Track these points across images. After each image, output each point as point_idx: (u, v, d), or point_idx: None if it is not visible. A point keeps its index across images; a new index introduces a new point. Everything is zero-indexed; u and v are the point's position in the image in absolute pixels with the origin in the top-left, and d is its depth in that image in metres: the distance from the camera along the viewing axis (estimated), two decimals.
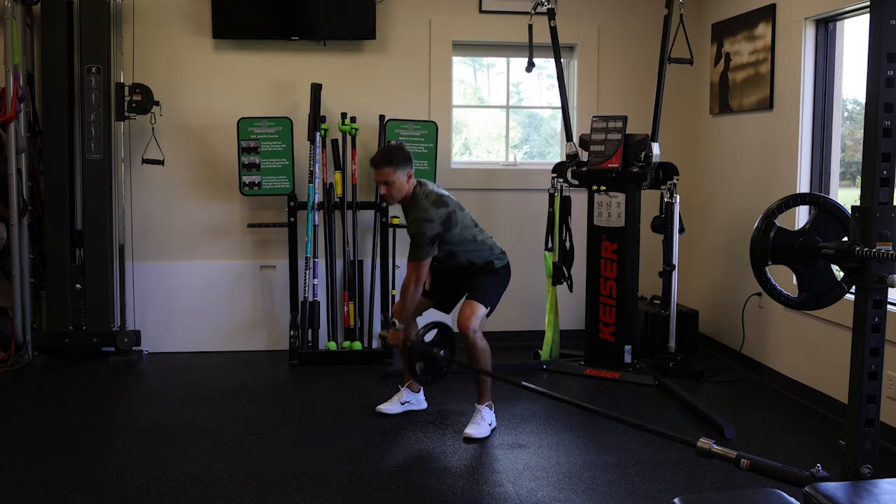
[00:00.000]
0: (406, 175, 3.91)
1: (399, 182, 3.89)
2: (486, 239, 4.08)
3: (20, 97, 4.82)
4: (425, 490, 3.35)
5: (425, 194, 3.93)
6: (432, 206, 3.88)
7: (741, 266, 4.94)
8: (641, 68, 5.60)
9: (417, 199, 3.93)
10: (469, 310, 3.92)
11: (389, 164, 3.87)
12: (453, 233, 3.94)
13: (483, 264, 4.04)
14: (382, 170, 3.88)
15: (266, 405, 4.41)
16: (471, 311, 3.92)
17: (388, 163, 3.87)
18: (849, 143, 4.65)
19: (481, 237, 4.05)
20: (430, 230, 3.84)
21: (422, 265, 3.88)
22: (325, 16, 5.34)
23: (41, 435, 3.94)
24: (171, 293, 5.40)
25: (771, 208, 2.84)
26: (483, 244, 4.05)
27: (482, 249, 4.05)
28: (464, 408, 4.27)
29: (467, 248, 4.01)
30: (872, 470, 2.43)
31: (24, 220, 4.99)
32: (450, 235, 3.93)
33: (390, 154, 3.92)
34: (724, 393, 4.73)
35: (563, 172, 5.14)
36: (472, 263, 4.04)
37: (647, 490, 3.34)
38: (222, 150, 5.38)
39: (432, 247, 3.88)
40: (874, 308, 2.41)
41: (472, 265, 4.05)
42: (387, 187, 3.90)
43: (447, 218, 3.90)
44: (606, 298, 5.01)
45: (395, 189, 3.91)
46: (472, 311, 3.92)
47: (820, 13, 4.39)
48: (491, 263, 4.05)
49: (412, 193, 3.96)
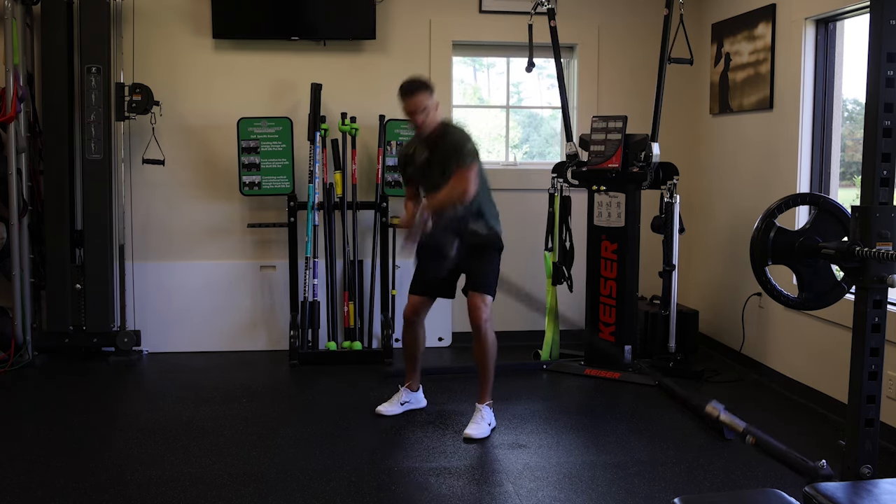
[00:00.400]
0: (435, 103, 3.87)
1: (432, 109, 3.84)
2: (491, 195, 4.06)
3: (20, 97, 4.82)
4: (425, 490, 3.35)
5: (457, 126, 3.92)
6: (467, 135, 3.86)
7: (741, 266, 4.94)
8: (641, 68, 5.60)
9: (449, 129, 3.90)
10: (479, 301, 3.92)
11: (424, 88, 3.82)
12: (480, 168, 3.90)
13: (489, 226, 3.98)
14: (417, 96, 3.80)
15: (266, 405, 4.41)
16: (481, 301, 3.92)
17: (422, 88, 3.81)
18: (849, 143, 4.65)
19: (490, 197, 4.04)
20: (469, 145, 3.81)
21: (472, 172, 3.75)
22: (325, 16, 5.34)
23: (41, 435, 3.94)
24: (171, 293, 5.40)
25: (771, 208, 2.84)
26: (493, 202, 4.04)
27: (493, 204, 4.03)
28: (464, 408, 4.27)
29: (485, 196, 3.98)
30: (872, 470, 2.43)
31: (24, 220, 4.99)
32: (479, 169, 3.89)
33: (421, 80, 3.88)
34: (724, 393, 4.72)
35: (563, 172, 5.14)
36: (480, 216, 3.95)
37: (647, 490, 3.34)
38: (222, 150, 5.38)
39: (475, 160, 3.81)
40: (874, 308, 2.41)
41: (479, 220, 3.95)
42: (422, 115, 3.81)
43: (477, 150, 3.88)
44: (606, 298, 5.01)
45: (431, 117, 3.83)
46: (483, 301, 3.92)
47: (820, 13, 4.39)
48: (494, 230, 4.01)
49: (441, 125, 3.91)
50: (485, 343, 3.93)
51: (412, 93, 3.82)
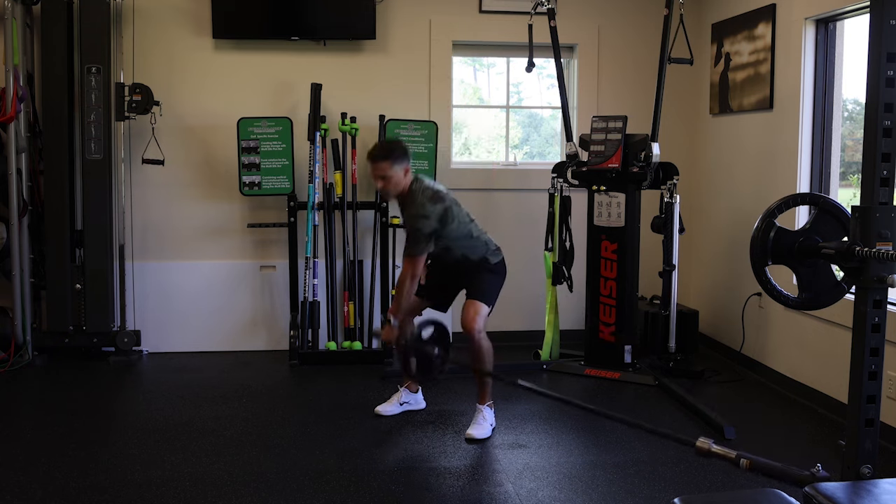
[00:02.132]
0: (403, 170, 3.90)
1: (396, 177, 3.88)
2: (482, 234, 4.08)
3: (20, 97, 4.82)
4: (425, 490, 3.35)
5: (422, 190, 3.92)
6: (429, 202, 3.87)
7: (741, 266, 4.94)
8: (641, 68, 5.60)
9: (414, 194, 3.92)
10: (472, 310, 3.92)
11: (387, 158, 3.87)
12: (450, 228, 3.93)
13: (478, 260, 4.04)
14: (379, 164, 3.87)
15: (266, 405, 4.41)
16: (474, 311, 3.92)
17: (385, 157, 3.87)
18: (849, 143, 4.65)
19: (476, 233, 4.05)
20: (426, 227, 3.84)
21: (417, 261, 3.88)
22: (325, 16, 5.34)
23: (41, 435, 3.94)
24: (171, 293, 5.40)
25: (771, 208, 2.84)
26: (478, 240, 4.05)
27: (477, 245, 4.04)
28: (464, 408, 4.27)
29: (463, 243, 4.01)
30: (872, 470, 2.43)
31: (24, 220, 4.99)
32: (446, 231, 3.93)
33: (388, 148, 3.92)
34: (724, 393, 4.73)
35: (563, 172, 5.14)
36: (467, 259, 4.03)
37: (647, 490, 3.34)
38: (222, 150, 5.38)
39: (428, 243, 3.88)
40: (874, 308, 2.41)
41: (467, 260, 4.04)
42: (383, 181, 3.89)
43: (444, 214, 3.89)
44: (606, 298, 5.01)
45: (392, 184, 3.90)
46: (476, 311, 3.92)
47: (820, 13, 4.39)
48: (486, 260, 4.04)
49: (409, 189, 3.95)
50: (479, 352, 3.93)
51: (374, 160, 3.91)
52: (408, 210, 3.95)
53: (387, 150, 3.90)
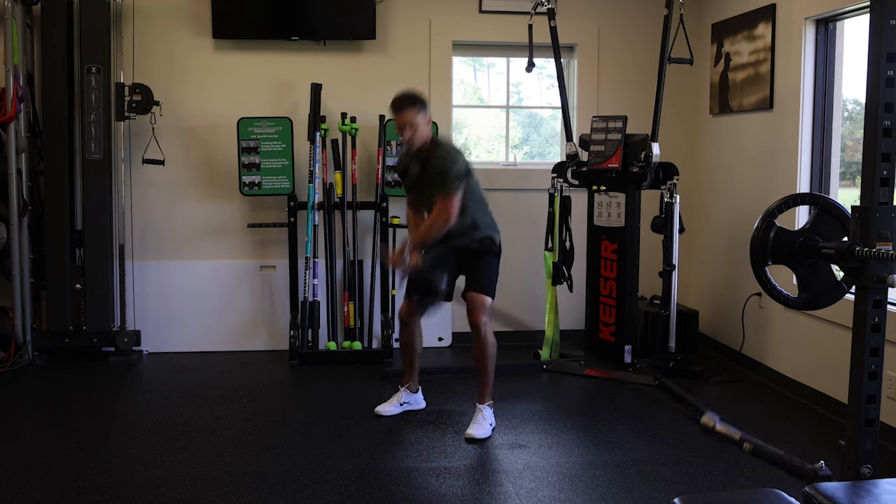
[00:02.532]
0: (426, 119, 3.90)
1: (422, 125, 3.87)
2: (490, 212, 4.08)
3: (20, 97, 4.82)
4: (425, 490, 3.35)
5: (446, 142, 3.97)
6: (455, 152, 3.89)
7: (741, 266, 4.94)
8: (641, 68, 5.60)
9: (439, 145, 3.94)
10: (478, 302, 3.92)
11: (413, 104, 3.84)
12: (472, 182, 3.93)
13: (485, 236, 4.00)
14: (406, 111, 3.84)
15: (266, 405, 4.41)
16: (480, 303, 3.92)
17: (411, 103, 3.84)
18: (849, 143, 4.65)
19: (486, 208, 4.06)
20: (456, 168, 3.82)
21: (454, 199, 3.80)
22: (325, 16, 5.34)
23: (41, 435, 3.94)
24: (171, 293, 5.40)
25: (771, 208, 2.84)
26: (488, 211, 4.06)
27: (487, 214, 4.04)
28: (464, 408, 4.27)
29: (479, 208, 4.00)
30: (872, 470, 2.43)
31: (24, 220, 4.99)
32: (470, 184, 3.92)
33: (412, 95, 3.90)
34: (724, 393, 4.73)
35: (563, 172, 5.14)
36: (476, 228, 3.98)
37: (647, 490, 3.34)
38: (222, 150, 5.38)
39: (461, 183, 3.83)
40: (874, 308, 2.41)
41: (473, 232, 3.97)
42: (410, 130, 3.85)
43: (467, 167, 3.90)
44: (606, 298, 5.01)
45: (419, 133, 3.87)
46: (482, 303, 3.92)
47: (820, 13, 4.39)
48: (491, 239, 4.02)
49: (431, 141, 3.94)
50: (484, 345, 3.93)
51: (400, 108, 3.86)
52: (433, 161, 3.89)
53: (411, 98, 3.88)
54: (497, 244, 4.06)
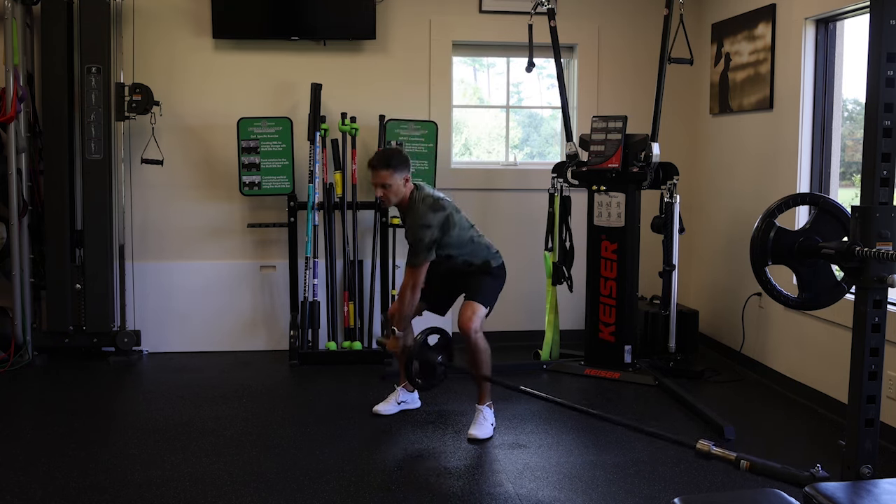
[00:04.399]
0: (403, 178, 3.92)
1: (396, 185, 3.90)
2: (482, 239, 4.09)
3: (20, 97, 4.82)
4: (425, 490, 3.35)
5: (422, 198, 3.92)
6: (430, 211, 3.88)
7: (741, 266, 4.94)
8: (641, 68, 5.60)
9: (415, 203, 3.93)
10: (470, 310, 3.92)
11: (387, 166, 3.87)
12: (451, 235, 3.94)
13: (480, 264, 4.05)
14: (380, 172, 3.88)
15: (266, 405, 4.41)
16: (472, 311, 3.92)
17: (385, 165, 3.88)
18: (849, 143, 4.65)
19: (477, 238, 4.06)
20: (428, 236, 3.85)
21: (420, 270, 3.89)
22: (325, 16, 5.34)
23: (41, 435, 3.94)
24: (171, 293, 5.40)
25: (771, 208, 2.84)
26: (479, 244, 4.06)
27: (479, 250, 4.06)
28: (464, 408, 4.27)
29: (465, 249, 4.02)
30: (872, 470, 2.42)
31: (24, 220, 4.99)
32: (447, 238, 3.94)
33: (388, 157, 3.92)
34: (724, 393, 4.73)
35: (563, 172, 5.14)
36: (469, 264, 4.05)
37: (647, 490, 3.34)
38: (222, 150, 5.38)
39: (430, 252, 3.89)
40: (874, 308, 2.41)
41: (469, 265, 4.05)
42: (384, 190, 3.90)
43: (445, 221, 3.90)
44: (606, 298, 5.01)
45: (392, 192, 3.91)
46: (473, 311, 3.92)
47: (820, 13, 4.39)
48: (487, 263, 4.06)
49: (409, 197, 3.96)
50: (476, 352, 3.93)
51: (374, 167, 3.92)
52: (409, 219, 3.96)
53: (387, 159, 3.90)
54: (495, 267, 4.07)
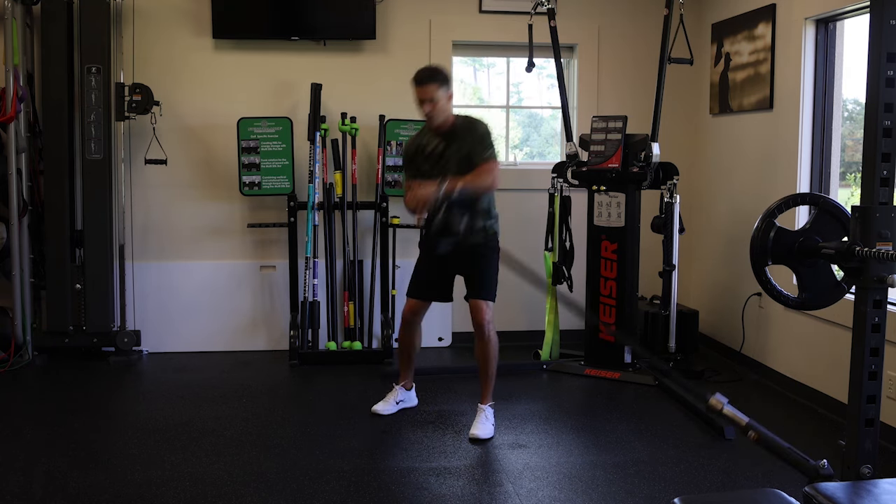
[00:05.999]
0: (448, 96, 3.90)
1: (442, 101, 3.87)
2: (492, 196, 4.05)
3: (20, 97, 4.82)
4: (425, 490, 3.35)
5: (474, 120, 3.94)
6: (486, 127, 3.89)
7: (741, 266, 4.94)
8: (641, 68, 5.60)
9: (467, 117, 3.96)
10: (481, 306, 3.93)
11: (434, 79, 3.86)
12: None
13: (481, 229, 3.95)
14: (427, 86, 3.85)
15: (266, 405, 4.41)
16: (483, 307, 3.93)
17: (432, 78, 3.86)
18: (849, 143, 4.65)
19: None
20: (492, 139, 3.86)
21: (497, 165, 3.82)
22: (325, 16, 5.34)
23: (41, 435, 3.94)
24: (171, 293, 5.40)
25: (771, 208, 2.84)
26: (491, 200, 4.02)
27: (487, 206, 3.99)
28: (464, 408, 4.27)
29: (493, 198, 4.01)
30: (872, 470, 2.42)
31: (24, 220, 4.98)
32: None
33: (434, 71, 3.92)
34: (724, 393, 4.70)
35: (563, 172, 5.14)
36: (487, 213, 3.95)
37: (647, 490, 3.34)
38: (222, 150, 5.38)
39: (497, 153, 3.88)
40: (874, 308, 2.41)
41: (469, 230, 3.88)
42: (431, 105, 3.85)
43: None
44: (606, 298, 5.01)
45: (439, 108, 3.87)
46: (484, 306, 3.94)
47: (820, 13, 4.39)
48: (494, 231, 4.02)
49: (454, 120, 3.94)
50: (487, 344, 3.94)
51: (422, 82, 3.87)
52: (463, 132, 3.89)
53: (433, 72, 3.89)
54: (492, 235, 4.04)
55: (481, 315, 3.91)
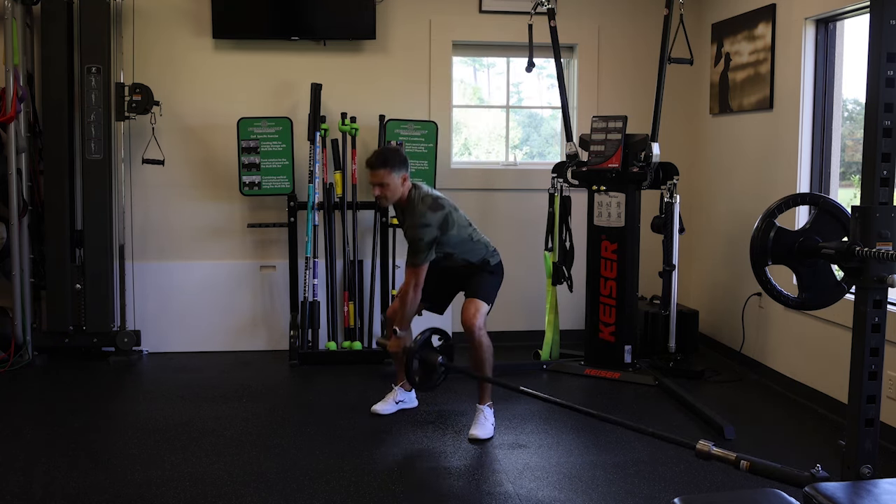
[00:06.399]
0: (401, 178, 3.91)
1: (394, 184, 3.90)
2: (480, 237, 4.10)
3: (20, 97, 4.82)
4: (425, 490, 3.35)
5: (421, 198, 3.92)
6: (429, 211, 3.88)
7: (741, 266, 4.94)
8: (641, 68, 5.60)
9: (413, 203, 3.93)
10: (473, 307, 3.93)
11: (385, 165, 3.87)
12: (450, 234, 3.94)
13: (479, 263, 4.06)
14: (378, 171, 3.88)
15: (266, 405, 4.41)
16: (475, 308, 3.93)
17: (383, 164, 3.88)
18: (849, 143, 4.65)
19: (476, 236, 4.07)
20: (427, 235, 3.85)
21: (420, 270, 3.89)
22: (325, 16, 5.34)
23: (41, 435, 3.94)
24: (171, 293, 5.40)
25: (771, 208, 2.84)
26: (478, 243, 4.07)
27: (477, 248, 4.06)
28: (464, 408, 4.27)
29: (464, 248, 4.02)
30: (872, 470, 2.42)
31: (24, 220, 4.98)
32: (447, 238, 3.94)
33: (386, 156, 3.92)
34: (724, 393, 4.73)
35: (563, 172, 5.14)
36: (468, 262, 4.05)
37: (647, 490, 3.34)
38: (222, 150, 5.38)
39: (430, 251, 3.89)
40: (874, 308, 2.41)
41: (468, 264, 4.05)
42: (381, 189, 3.90)
43: (444, 221, 3.90)
44: (606, 298, 5.01)
45: (390, 191, 3.91)
46: (476, 308, 3.93)
47: (820, 13, 4.39)
48: (486, 262, 4.07)
49: (407, 197, 3.96)
50: (479, 349, 3.94)
51: (372, 166, 3.92)
52: (408, 220, 3.96)
53: (385, 158, 3.90)
54: (494, 265, 4.09)
55: (473, 319, 3.90)
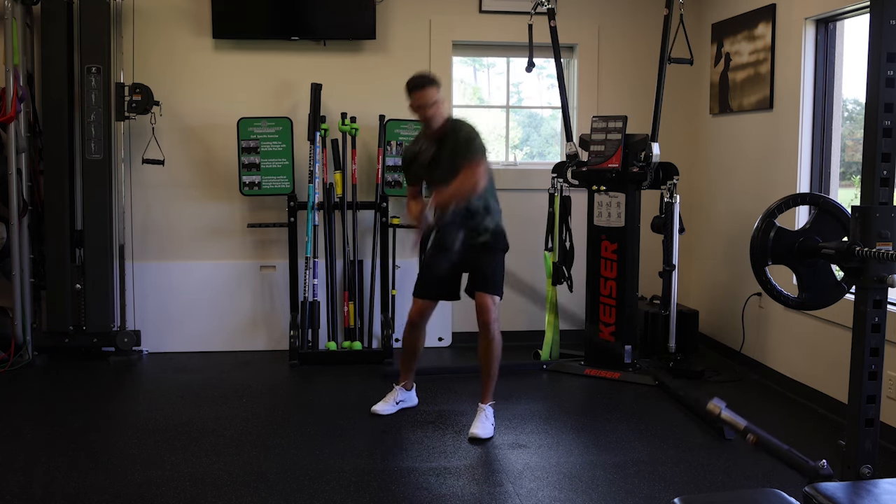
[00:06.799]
0: (442, 98, 3.92)
1: (441, 101, 3.88)
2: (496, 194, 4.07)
3: (20, 97, 4.82)
4: (425, 490, 3.35)
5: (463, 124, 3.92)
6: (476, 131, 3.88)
7: (741, 266, 4.94)
8: (641, 68, 5.60)
9: (458, 120, 3.95)
10: (488, 300, 3.93)
11: (433, 83, 3.86)
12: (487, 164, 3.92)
13: (493, 230, 3.99)
14: (427, 90, 3.84)
15: (266, 405, 4.41)
16: (490, 301, 3.93)
17: (431, 82, 3.87)
18: (849, 143, 4.65)
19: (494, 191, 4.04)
20: (480, 139, 3.85)
21: (482, 166, 3.78)
22: (325, 16, 5.34)
23: (41, 435, 3.94)
24: (171, 293, 5.40)
25: (771, 208, 2.84)
26: (497, 199, 4.04)
27: (497, 201, 4.03)
28: (464, 408, 4.27)
29: (492, 193, 4.00)
30: (872, 470, 2.43)
31: (24, 220, 4.98)
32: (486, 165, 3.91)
33: (430, 76, 3.92)
34: (724, 393, 4.71)
35: (563, 172, 5.14)
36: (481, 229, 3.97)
37: (647, 490, 3.34)
38: (222, 150, 5.38)
39: (485, 154, 3.84)
40: (874, 308, 2.41)
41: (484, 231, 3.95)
42: (433, 109, 3.85)
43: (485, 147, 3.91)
44: (606, 298, 5.01)
45: (440, 110, 3.88)
46: (492, 301, 3.94)
47: (820, 13, 4.39)
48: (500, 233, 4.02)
49: (447, 120, 3.94)
50: (492, 343, 3.94)
51: (421, 87, 3.86)
52: (452, 136, 3.88)
53: (428, 77, 3.89)
54: (505, 236, 4.06)
55: (487, 314, 3.91)
